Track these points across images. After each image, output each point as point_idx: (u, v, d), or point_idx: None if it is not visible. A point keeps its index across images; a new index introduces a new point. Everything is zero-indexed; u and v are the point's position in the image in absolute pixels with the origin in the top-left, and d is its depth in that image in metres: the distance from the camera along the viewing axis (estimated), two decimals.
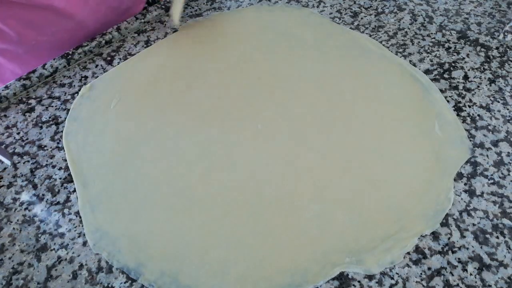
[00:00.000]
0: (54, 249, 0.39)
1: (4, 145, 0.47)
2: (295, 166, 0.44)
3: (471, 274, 0.37)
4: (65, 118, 0.49)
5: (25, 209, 0.42)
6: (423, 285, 0.36)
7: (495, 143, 0.46)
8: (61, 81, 0.54)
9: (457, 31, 0.60)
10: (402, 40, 0.58)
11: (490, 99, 0.51)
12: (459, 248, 0.38)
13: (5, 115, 0.50)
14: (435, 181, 0.42)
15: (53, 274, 0.37)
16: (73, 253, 0.38)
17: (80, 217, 0.41)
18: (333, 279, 0.36)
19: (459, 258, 0.38)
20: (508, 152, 0.45)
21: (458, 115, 0.49)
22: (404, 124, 0.48)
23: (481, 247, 0.38)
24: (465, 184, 0.43)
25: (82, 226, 0.40)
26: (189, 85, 0.52)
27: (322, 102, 0.50)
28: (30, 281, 0.37)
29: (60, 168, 0.45)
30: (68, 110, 0.50)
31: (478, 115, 0.49)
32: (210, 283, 0.36)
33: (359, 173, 0.43)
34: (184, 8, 0.64)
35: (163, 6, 0.62)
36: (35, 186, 0.43)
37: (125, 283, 0.36)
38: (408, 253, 0.38)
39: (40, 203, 0.42)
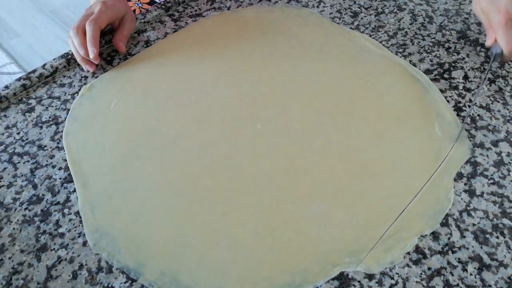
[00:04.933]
0: (54, 249, 0.39)
1: (4, 145, 0.47)
2: (295, 166, 0.44)
3: (471, 274, 0.37)
4: (65, 118, 0.49)
5: (25, 209, 0.42)
6: (423, 285, 0.36)
7: (495, 143, 0.46)
8: (61, 81, 0.54)
9: (457, 31, 0.60)
10: (402, 40, 0.58)
11: (490, 99, 0.51)
12: (459, 248, 0.38)
13: (5, 115, 0.50)
14: (435, 181, 0.42)
15: (53, 274, 0.37)
16: (73, 253, 0.38)
17: (80, 217, 0.41)
18: (333, 279, 0.36)
19: (459, 258, 0.38)
20: (508, 152, 0.45)
21: (458, 115, 0.49)
22: (404, 124, 0.48)
23: (481, 247, 0.38)
24: (465, 184, 0.43)
25: (82, 226, 0.40)
26: (189, 85, 0.52)
27: (322, 102, 0.50)
28: (30, 281, 0.37)
29: (60, 168, 0.45)
30: (68, 110, 0.50)
31: (478, 115, 0.49)
32: (210, 283, 0.36)
33: (359, 173, 0.43)
34: (183, 8, 0.64)
35: (163, 6, 0.62)
36: (35, 186, 0.43)
37: (125, 283, 0.36)
38: (408, 253, 0.38)
39: (40, 203, 0.42)
